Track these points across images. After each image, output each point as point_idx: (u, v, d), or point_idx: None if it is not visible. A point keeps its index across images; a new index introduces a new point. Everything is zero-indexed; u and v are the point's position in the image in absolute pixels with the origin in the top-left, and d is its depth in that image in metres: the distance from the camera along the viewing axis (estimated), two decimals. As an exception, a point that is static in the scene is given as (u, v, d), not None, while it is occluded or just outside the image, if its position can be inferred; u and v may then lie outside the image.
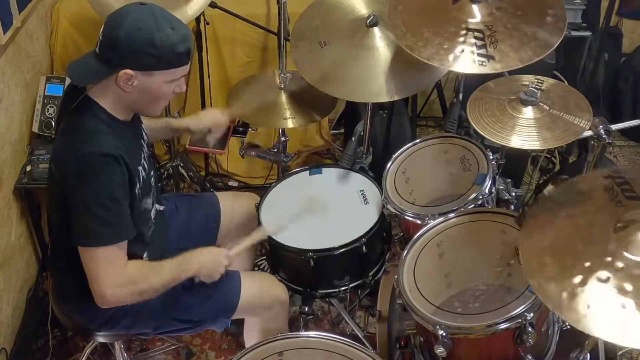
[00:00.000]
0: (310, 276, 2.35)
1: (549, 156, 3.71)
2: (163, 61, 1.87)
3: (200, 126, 2.47)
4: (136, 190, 1.97)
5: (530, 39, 2.23)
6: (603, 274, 1.42)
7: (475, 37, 2.25)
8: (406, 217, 2.30)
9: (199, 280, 2.12)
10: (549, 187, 2.19)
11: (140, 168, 2.02)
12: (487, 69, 2.19)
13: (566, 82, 2.89)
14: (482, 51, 2.21)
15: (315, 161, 3.91)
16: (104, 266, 1.88)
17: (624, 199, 1.59)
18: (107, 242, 1.87)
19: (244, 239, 2.27)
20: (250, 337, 2.47)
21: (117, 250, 1.90)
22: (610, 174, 1.68)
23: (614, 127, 2.17)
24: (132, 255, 1.99)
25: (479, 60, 2.20)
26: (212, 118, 2.49)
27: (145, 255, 2.13)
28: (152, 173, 2.15)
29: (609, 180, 1.65)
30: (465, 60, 2.21)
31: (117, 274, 1.90)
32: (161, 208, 2.24)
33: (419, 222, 2.24)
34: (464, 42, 2.24)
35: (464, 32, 2.26)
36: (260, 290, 2.31)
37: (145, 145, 2.15)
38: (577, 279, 1.43)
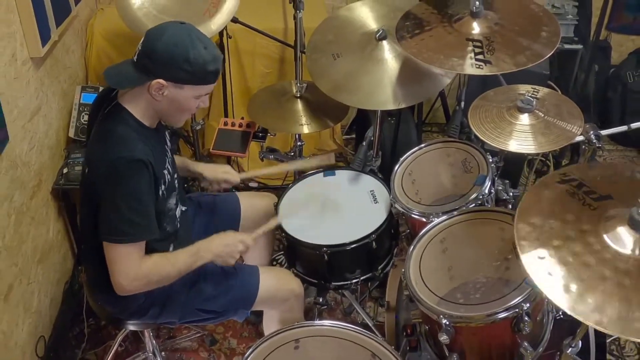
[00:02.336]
0: (324, 270, 2.36)
1: (544, 159, 3.70)
2: (194, 77, 1.91)
3: (214, 177, 2.47)
4: (160, 192, 2.00)
5: (525, 48, 2.24)
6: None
7: (474, 46, 2.28)
8: (412, 215, 2.31)
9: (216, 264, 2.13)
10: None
11: (165, 172, 2.05)
12: (484, 71, 2.21)
13: (559, 92, 2.88)
14: (480, 57, 2.24)
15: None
16: (124, 261, 1.91)
17: (593, 202, 1.58)
18: (130, 240, 1.91)
19: (260, 226, 2.29)
20: (269, 326, 2.50)
21: (138, 247, 1.94)
22: (562, 179, 1.67)
23: (604, 132, 2.18)
24: (159, 252, 2.03)
25: (476, 64, 2.22)
26: (226, 177, 2.47)
27: (171, 250, 2.14)
28: (175, 176, 2.17)
29: (566, 186, 1.64)
30: (464, 64, 2.24)
31: (135, 268, 1.92)
32: (184, 208, 2.26)
33: (424, 220, 2.25)
34: (463, 49, 2.27)
35: (464, 42, 2.30)
36: (277, 284, 2.32)
37: (169, 151, 2.17)
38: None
